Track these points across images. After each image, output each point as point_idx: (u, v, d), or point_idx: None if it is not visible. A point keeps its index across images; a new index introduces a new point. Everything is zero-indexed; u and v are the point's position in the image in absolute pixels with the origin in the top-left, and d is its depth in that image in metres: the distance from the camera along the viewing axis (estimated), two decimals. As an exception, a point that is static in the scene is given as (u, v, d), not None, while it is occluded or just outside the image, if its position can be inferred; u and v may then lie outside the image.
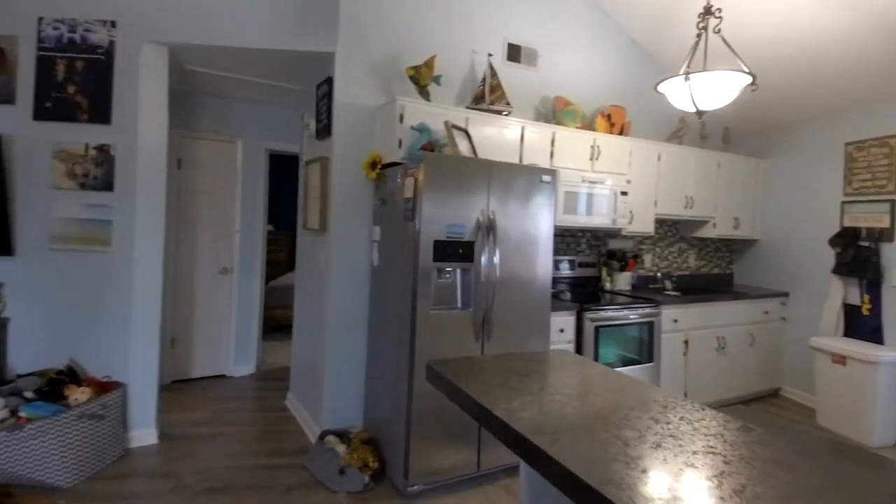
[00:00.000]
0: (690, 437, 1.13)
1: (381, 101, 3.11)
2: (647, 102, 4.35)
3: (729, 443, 1.10)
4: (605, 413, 1.25)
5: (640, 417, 1.24)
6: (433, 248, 2.54)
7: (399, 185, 2.73)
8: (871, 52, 3.22)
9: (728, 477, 0.93)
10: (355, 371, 3.11)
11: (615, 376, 1.62)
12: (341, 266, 3.03)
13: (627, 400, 1.39)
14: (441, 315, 2.59)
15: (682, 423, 1.23)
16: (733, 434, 1.17)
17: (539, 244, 2.89)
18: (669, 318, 3.69)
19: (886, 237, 3.62)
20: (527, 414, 1.21)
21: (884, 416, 3.36)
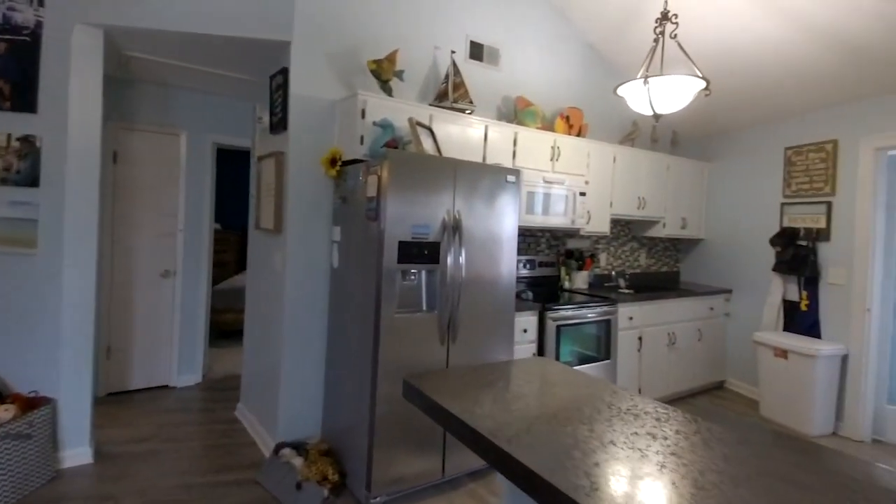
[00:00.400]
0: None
1: (340, 94, 2.96)
2: (602, 105, 4.42)
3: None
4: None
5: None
6: (398, 249, 2.44)
7: (361, 183, 2.61)
8: (810, 62, 3.40)
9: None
10: (313, 378, 2.96)
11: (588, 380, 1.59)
12: (298, 268, 2.87)
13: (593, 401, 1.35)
14: (406, 318, 2.49)
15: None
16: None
17: (504, 245, 2.85)
18: (625, 315, 3.76)
19: (823, 237, 3.85)
20: (528, 440, 1.14)
21: (822, 407, 3.57)
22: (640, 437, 1.16)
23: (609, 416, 1.27)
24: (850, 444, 3.45)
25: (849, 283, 3.67)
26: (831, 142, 3.80)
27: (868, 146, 3.55)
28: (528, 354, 3.17)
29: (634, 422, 1.25)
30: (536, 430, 1.17)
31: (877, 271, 3.54)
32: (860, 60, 3.22)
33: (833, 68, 3.38)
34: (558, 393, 1.47)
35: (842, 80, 3.48)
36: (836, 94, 3.65)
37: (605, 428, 1.20)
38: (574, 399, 1.42)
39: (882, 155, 3.53)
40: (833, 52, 3.25)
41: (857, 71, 3.34)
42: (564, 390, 1.49)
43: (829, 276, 3.81)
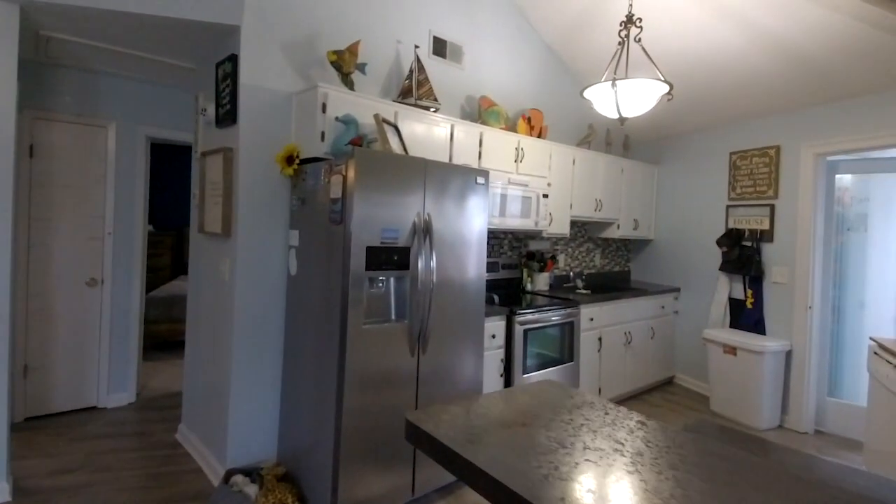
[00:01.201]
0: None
1: (298, 86, 2.71)
2: (558, 108, 4.40)
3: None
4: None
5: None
6: (366, 255, 2.24)
7: (322, 183, 2.39)
8: (759, 70, 3.51)
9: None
10: (267, 396, 2.69)
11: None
12: (250, 276, 2.59)
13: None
14: (374, 329, 2.30)
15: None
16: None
17: (474, 248, 2.72)
18: (587, 316, 3.75)
19: (767, 238, 4.02)
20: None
21: (769, 402, 3.71)
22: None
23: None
24: (794, 436, 3.60)
25: (791, 281, 3.84)
26: (774, 147, 3.97)
27: (809, 152, 3.73)
28: (496, 361, 3.06)
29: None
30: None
31: (817, 271, 3.72)
32: (804, 70, 3.36)
33: (780, 77, 3.52)
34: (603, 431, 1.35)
35: (787, 89, 3.62)
36: (780, 102, 3.81)
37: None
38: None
39: (821, 160, 3.72)
40: (781, 62, 3.37)
41: (800, 80, 3.49)
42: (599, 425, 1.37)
43: (772, 275, 3.98)
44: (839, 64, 3.20)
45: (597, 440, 1.21)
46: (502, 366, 3.10)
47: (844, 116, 3.55)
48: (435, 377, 2.55)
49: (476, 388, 2.76)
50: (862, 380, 3.74)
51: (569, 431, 1.26)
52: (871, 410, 2.69)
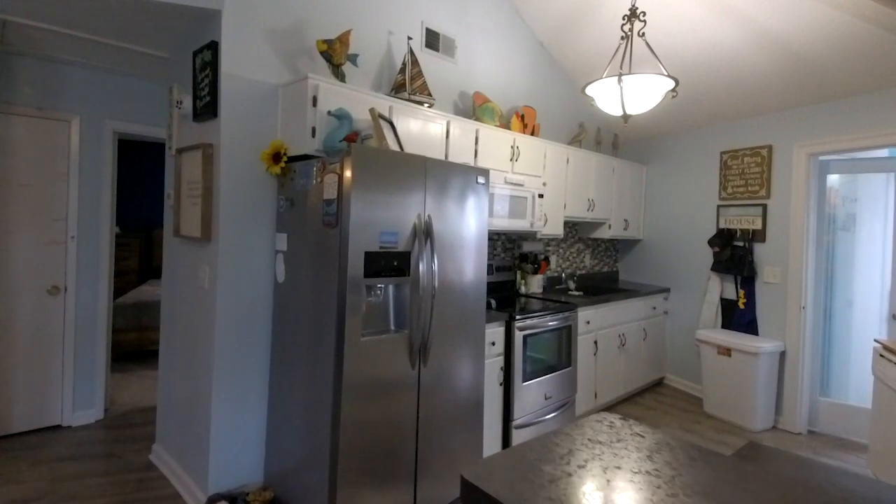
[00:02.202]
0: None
1: (284, 78, 2.50)
2: (549, 106, 4.28)
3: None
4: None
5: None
6: (364, 261, 2.05)
7: (314, 182, 2.18)
8: (756, 67, 3.45)
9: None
10: (253, 412, 2.47)
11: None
12: (233, 284, 2.37)
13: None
14: (372, 341, 2.11)
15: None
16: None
17: (474, 252, 2.56)
18: (584, 320, 3.64)
19: (759, 238, 3.98)
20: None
21: (764, 403, 3.67)
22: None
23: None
24: (788, 437, 3.57)
25: (784, 282, 3.81)
26: (766, 147, 3.94)
27: (801, 152, 3.71)
28: (496, 369, 2.91)
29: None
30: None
31: (810, 271, 3.70)
32: (801, 68, 3.32)
33: (776, 76, 3.47)
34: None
35: (782, 88, 3.58)
36: (774, 101, 3.77)
37: None
38: None
39: (814, 160, 3.70)
40: (778, 60, 3.32)
41: (796, 78, 3.44)
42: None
43: (764, 275, 3.95)
44: (836, 62, 3.16)
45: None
46: (502, 374, 2.95)
47: (838, 116, 3.53)
48: (436, 389, 2.38)
49: (477, 398, 2.61)
50: (851, 378, 3.75)
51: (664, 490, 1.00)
52: (876, 413, 2.65)
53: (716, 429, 3.68)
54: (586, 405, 3.69)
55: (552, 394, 3.25)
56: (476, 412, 2.60)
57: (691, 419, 3.86)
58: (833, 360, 3.80)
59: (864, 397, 3.61)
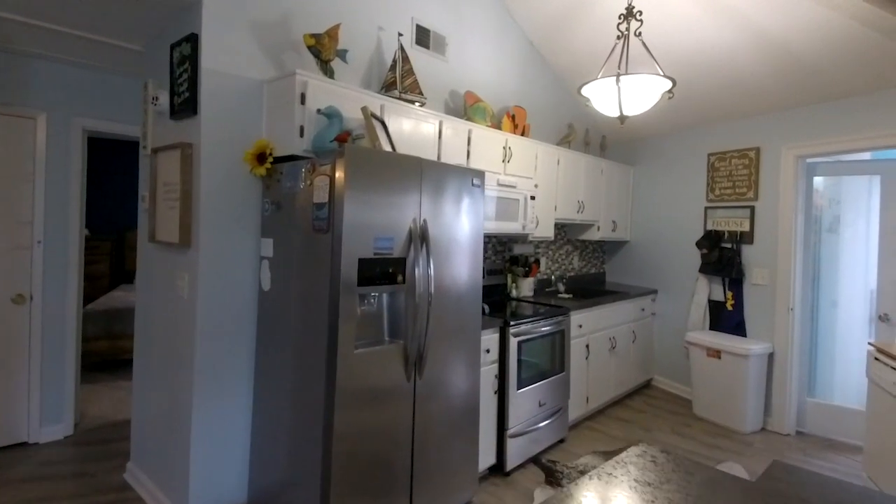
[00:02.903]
0: None
1: (269, 73, 2.35)
2: (538, 106, 4.21)
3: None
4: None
5: None
6: (358, 269, 1.92)
7: (302, 185, 2.05)
8: (749, 68, 3.43)
9: None
10: (236, 427, 2.32)
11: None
12: (214, 292, 2.21)
13: None
14: (366, 353, 1.99)
15: None
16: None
17: (471, 257, 2.46)
18: (576, 323, 3.56)
19: (747, 240, 3.98)
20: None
21: (754, 405, 3.66)
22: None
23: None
24: (778, 438, 3.57)
25: (772, 283, 3.81)
26: (754, 149, 3.93)
27: (789, 154, 3.71)
28: (490, 377, 2.80)
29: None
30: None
31: (798, 272, 3.70)
32: (794, 70, 3.31)
33: (768, 78, 3.45)
34: None
35: (773, 90, 3.57)
36: (763, 103, 3.76)
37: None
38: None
39: (801, 162, 3.70)
40: (772, 62, 3.30)
41: (789, 80, 3.43)
42: None
43: (753, 276, 3.94)
44: (830, 64, 3.15)
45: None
46: (496, 382, 2.85)
47: (826, 118, 3.54)
48: (432, 400, 2.26)
49: (473, 408, 2.50)
50: (836, 379, 3.77)
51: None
52: (871, 416, 2.64)
53: (707, 432, 3.65)
54: (578, 410, 3.62)
55: (546, 400, 3.17)
56: (472, 423, 2.50)
57: (682, 422, 3.83)
58: (819, 360, 3.82)
59: (849, 397, 3.63)
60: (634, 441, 3.35)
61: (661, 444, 3.38)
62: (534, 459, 3.06)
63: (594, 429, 3.63)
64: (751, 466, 3.08)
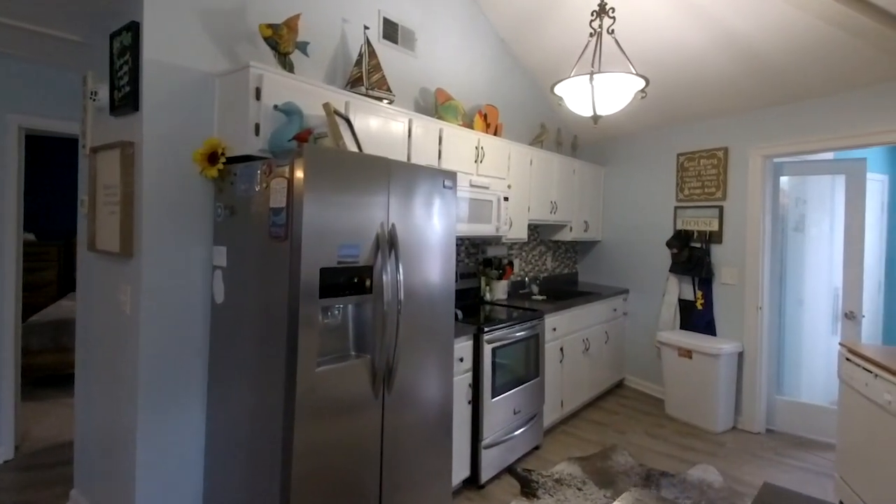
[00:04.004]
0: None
1: (222, 66, 2.13)
2: (511, 105, 4.09)
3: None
4: None
5: None
6: (320, 279, 1.74)
7: (258, 188, 1.85)
8: (717, 68, 3.39)
9: None
10: (189, 450, 2.10)
11: None
12: (160, 307, 1.98)
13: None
14: (329, 371, 1.81)
15: None
16: None
17: (442, 262, 2.30)
18: (550, 326, 3.46)
19: (716, 239, 3.96)
20: None
21: (725, 404, 3.64)
22: None
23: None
24: (749, 437, 3.55)
25: (741, 282, 3.80)
26: (722, 149, 3.91)
27: (757, 154, 3.69)
28: (464, 386, 2.66)
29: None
30: None
31: (766, 271, 3.70)
32: (762, 70, 3.28)
33: (737, 78, 3.42)
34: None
35: (741, 90, 3.54)
36: (731, 104, 3.74)
37: None
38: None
39: (769, 162, 3.69)
40: (740, 62, 3.26)
41: (756, 81, 3.41)
42: None
43: (722, 276, 3.93)
44: (796, 65, 3.13)
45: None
46: (470, 391, 2.71)
47: (792, 119, 3.53)
48: (402, 415, 2.10)
49: (446, 420, 2.35)
50: (803, 376, 3.79)
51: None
52: (843, 416, 2.62)
53: (679, 432, 3.61)
54: (553, 415, 3.52)
55: (521, 407, 3.05)
56: (445, 436, 2.34)
57: (655, 423, 3.78)
58: (786, 358, 3.83)
59: (816, 395, 3.65)
60: (610, 445, 3.27)
61: (635, 447, 3.31)
62: (509, 469, 2.93)
63: (569, 433, 3.54)
64: (724, 468, 3.04)
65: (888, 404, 2.21)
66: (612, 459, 3.07)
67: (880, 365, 2.28)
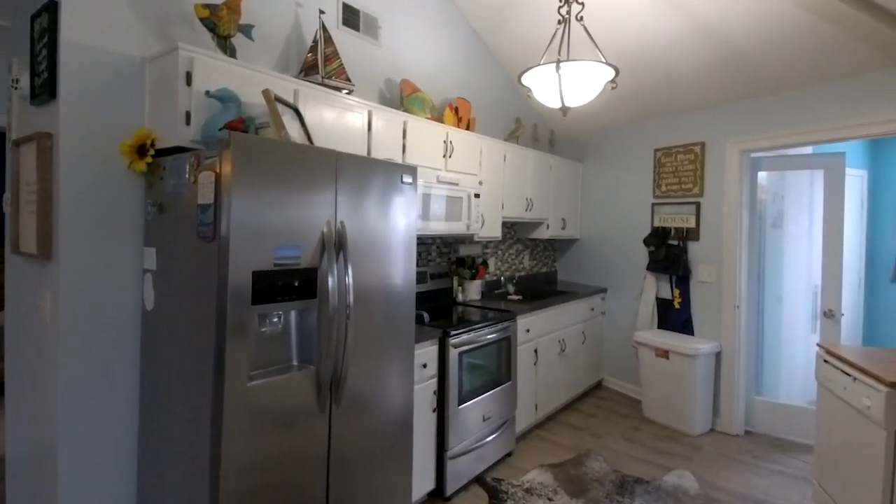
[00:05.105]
0: None
1: (153, 50, 1.92)
2: (485, 99, 3.91)
3: None
4: None
5: None
6: (252, 284, 1.55)
7: (187, 182, 1.65)
8: (693, 60, 3.25)
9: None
10: (118, 464, 1.90)
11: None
12: (83, 314, 1.78)
13: None
14: (265, 385, 1.62)
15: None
16: None
17: (400, 262, 2.12)
18: (523, 328, 3.29)
19: (693, 236, 3.82)
20: None
21: (703, 406, 3.51)
22: None
23: None
24: (727, 440, 3.43)
25: (718, 280, 3.67)
26: (699, 144, 3.77)
27: (734, 148, 3.56)
28: (428, 394, 2.49)
29: None
30: None
31: (743, 269, 3.57)
32: (737, 61, 3.14)
33: (713, 69, 3.28)
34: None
35: (717, 82, 3.41)
36: (707, 97, 3.60)
37: None
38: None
39: (746, 157, 3.56)
40: (716, 53, 3.12)
41: (732, 73, 3.27)
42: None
43: (699, 274, 3.80)
44: (771, 54, 2.99)
45: None
46: (435, 398, 2.53)
47: (769, 112, 3.40)
48: (352, 428, 1.92)
49: (405, 431, 2.17)
50: (783, 375, 3.68)
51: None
52: (821, 420, 2.49)
53: (657, 435, 3.47)
54: (527, 420, 3.36)
55: (491, 413, 2.88)
56: (404, 448, 2.17)
57: (632, 425, 3.64)
58: (764, 356, 3.71)
59: (795, 395, 3.54)
60: (584, 451, 3.12)
61: (611, 452, 3.17)
62: (478, 479, 2.77)
63: (543, 438, 3.38)
64: (701, 473, 2.90)
65: (867, 409, 2.08)
66: (585, 466, 2.92)
67: (859, 368, 2.15)
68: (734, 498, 2.64)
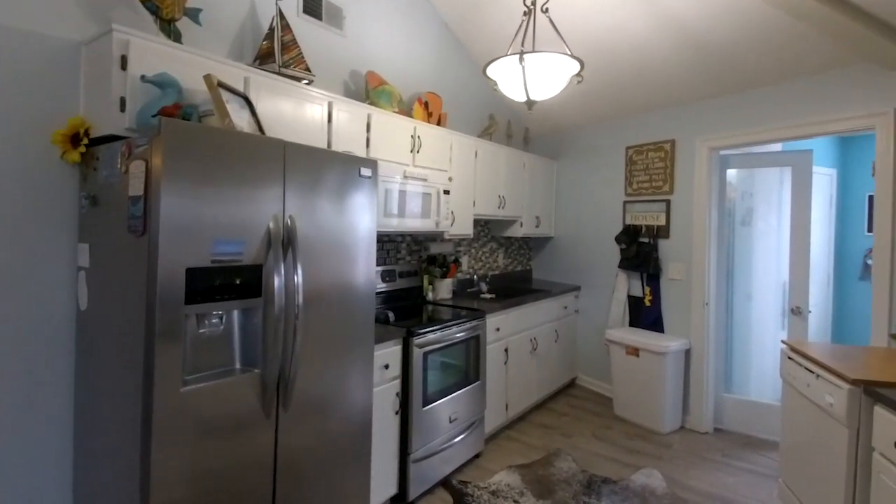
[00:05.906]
0: None
1: (89, 32, 1.78)
2: (457, 95, 3.82)
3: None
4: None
5: None
6: (185, 282, 1.43)
7: (121, 173, 1.52)
8: (662, 57, 3.20)
9: None
10: (54, 476, 1.76)
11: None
12: (10, 316, 1.64)
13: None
14: (202, 390, 1.50)
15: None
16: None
17: (358, 259, 2.01)
18: (493, 327, 3.21)
19: (663, 234, 3.78)
20: None
21: (672, 404, 3.47)
22: None
23: None
24: (696, 437, 3.39)
25: (688, 278, 3.64)
26: (669, 141, 3.74)
27: (703, 146, 3.53)
28: (390, 396, 2.38)
29: None
30: None
31: (712, 267, 3.54)
32: (706, 58, 3.10)
33: (681, 66, 3.23)
34: None
35: (686, 79, 3.36)
36: (677, 94, 3.56)
37: None
38: None
39: (715, 155, 3.53)
40: (685, 50, 3.07)
41: (702, 69, 3.23)
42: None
43: (669, 271, 3.76)
44: (740, 50, 2.94)
45: None
46: (398, 400, 2.43)
47: (739, 109, 3.37)
48: (303, 434, 1.81)
49: (362, 435, 2.07)
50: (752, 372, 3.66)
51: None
52: (786, 419, 2.45)
53: (627, 434, 3.42)
54: (497, 420, 3.28)
55: (458, 414, 2.79)
56: (362, 453, 2.06)
57: (603, 424, 3.59)
58: (734, 355, 3.69)
59: (765, 392, 3.52)
60: (554, 451, 3.05)
61: (580, 452, 3.10)
62: (444, 482, 2.67)
63: (513, 438, 3.31)
64: (669, 472, 2.86)
65: (830, 407, 2.03)
66: (554, 466, 2.85)
67: (822, 365, 2.11)
68: (702, 497, 2.59)
